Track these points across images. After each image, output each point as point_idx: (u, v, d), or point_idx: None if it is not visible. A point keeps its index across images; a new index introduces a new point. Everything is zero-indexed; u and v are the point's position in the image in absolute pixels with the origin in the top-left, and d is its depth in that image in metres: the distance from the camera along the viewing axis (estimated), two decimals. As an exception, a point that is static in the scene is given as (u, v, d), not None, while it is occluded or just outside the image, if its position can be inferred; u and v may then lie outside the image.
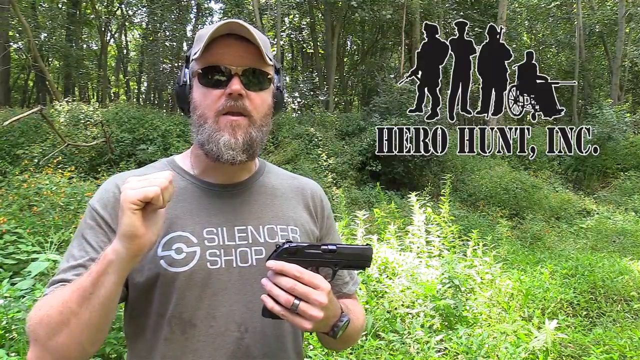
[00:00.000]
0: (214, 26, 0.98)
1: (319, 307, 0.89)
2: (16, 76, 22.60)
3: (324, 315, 0.91)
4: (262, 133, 1.04)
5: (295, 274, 0.89)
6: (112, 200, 1.02)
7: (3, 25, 15.39)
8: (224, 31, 0.99)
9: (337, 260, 0.96)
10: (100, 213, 1.01)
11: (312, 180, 1.27)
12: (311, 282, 0.89)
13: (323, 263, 0.96)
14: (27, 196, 5.77)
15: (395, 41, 22.31)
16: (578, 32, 20.51)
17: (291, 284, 0.88)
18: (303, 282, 0.89)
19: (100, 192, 1.06)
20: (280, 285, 0.89)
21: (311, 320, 0.89)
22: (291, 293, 0.88)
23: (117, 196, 1.01)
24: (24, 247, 4.10)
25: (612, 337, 4.17)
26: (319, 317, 0.89)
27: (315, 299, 0.88)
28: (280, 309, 0.88)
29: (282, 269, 0.89)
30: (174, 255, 0.99)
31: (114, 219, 0.98)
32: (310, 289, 0.89)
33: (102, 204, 1.03)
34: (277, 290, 0.89)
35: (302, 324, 0.89)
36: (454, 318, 4.14)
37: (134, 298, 1.04)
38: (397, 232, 5.60)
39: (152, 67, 20.39)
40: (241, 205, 1.09)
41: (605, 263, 6.28)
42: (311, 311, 0.88)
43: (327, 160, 12.58)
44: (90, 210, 1.04)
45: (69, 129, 11.23)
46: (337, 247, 0.96)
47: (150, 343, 1.02)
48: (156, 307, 1.00)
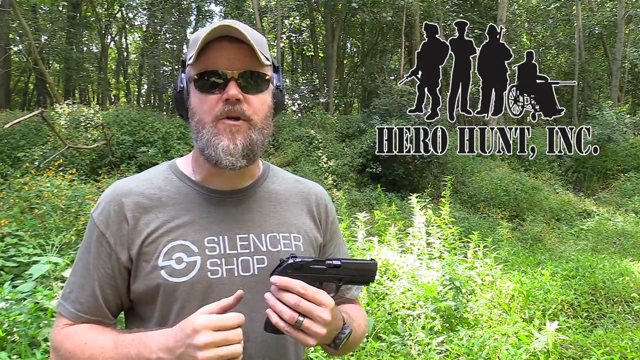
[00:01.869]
0: (207, 29, 0.96)
1: (323, 324, 0.89)
2: (17, 79, 22.62)
3: (327, 330, 0.91)
4: (262, 135, 1.02)
5: (300, 290, 0.88)
6: (114, 216, 1.02)
7: (4, 28, 15.44)
8: (217, 34, 0.96)
9: (341, 275, 0.96)
10: (102, 231, 1.02)
11: (318, 184, 1.25)
12: (315, 298, 0.89)
13: (327, 278, 0.96)
14: (28, 199, 5.77)
15: (395, 43, 22.32)
16: (578, 34, 20.52)
17: (295, 301, 0.88)
18: (307, 299, 0.88)
19: (102, 204, 1.05)
20: (284, 301, 0.89)
21: (314, 337, 0.89)
22: (295, 309, 0.88)
23: (117, 211, 1.02)
24: (25, 249, 4.10)
25: (613, 339, 4.16)
26: (322, 334, 0.89)
27: (319, 315, 0.88)
28: (284, 325, 0.88)
29: (286, 285, 0.89)
30: (174, 265, 0.98)
31: (117, 238, 1.01)
32: (315, 306, 0.89)
33: (104, 221, 1.02)
34: (280, 306, 0.89)
35: (306, 340, 0.90)
36: (455, 320, 4.14)
37: (135, 307, 1.04)
38: (398, 234, 5.61)
39: (153, 70, 20.40)
40: (243, 212, 1.07)
41: (606, 264, 6.28)
42: (315, 328, 0.88)
43: (327, 162, 12.58)
44: (93, 226, 1.04)
45: (69, 132, 11.22)
46: (342, 263, 0.96)
47: None
48: (158, 317, 1.01)
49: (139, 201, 1.03)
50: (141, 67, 23.75)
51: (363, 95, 25.02)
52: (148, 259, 0.99)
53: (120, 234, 1.01)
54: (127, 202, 1.02)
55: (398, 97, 13.67)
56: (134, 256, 1.00)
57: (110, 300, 1.03)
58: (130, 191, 1.04)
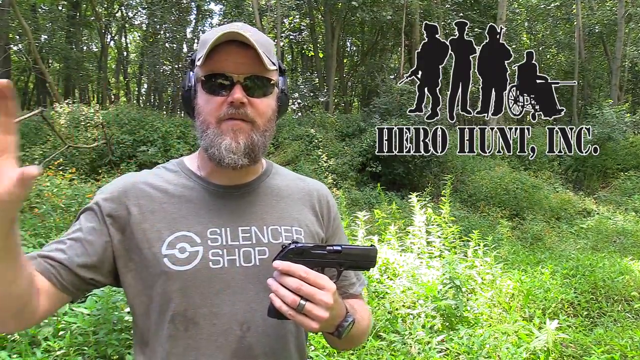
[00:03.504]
0: (216, 33, 0.99)
1: (325, 307, 0.90)
2: (16, 78, 22.59)
3: (330, 315, 0.92)
4: (264, 137, 1.05)
5: (302, 274, 0.90)
6: (117, 199, 1.05)
7: (3, 27, 15.41)
8: (226, 38, 0.99)
9: (342, 260, 0.98)
10: (101, 209, 1.03)
11: (320, 182, 1.27)
12: (317, 282, 0.90)
13: (328, 264, 0.97)
14: (28, 198, 5.76)
15: (395, 42, 22.33)
16: (578, 33, 20.51)
17: (297, 284, 0.89)
18: (309, 283, 0.90)
19: (110, 188, 1.08)
20: (286, 285, 0.90)
21: (317, 321, 0.90)
22: (297, 293, 0.89)
23: (122, 196, 1.05)
24: (25, 249, 4.10)
25: (613, 337, 4.17)
26: (324, 317, 0.90)
27: (321, 299, 0.90)
28: (287, 309, 0.89)
29: (288, 269, 0.90)
30: (178, 254, 1.01)
31: (116, 219, 1.03)
32: (316, 289, 0.90)
33: (107, 202, 1.05)
34: (283, 290, 0.90)
35: (309, 324, 0.91)
36: (455, 318, 4.14)
37: (137, 295, 1.05)
38: (398, 232, 5.61)
39: (152, 69, 20.41)
40: (246, 206, 1.10)
41: (606, 263, 6.29)
42: (317, 311, 0.89)
43: (327, 162, 12.59)
44: (92, 204, 1.06)
45: (69, 131, 11.22)
46: (342, 248, 0.98)
47: (153, 340, 1.04)
48: (160, 305, 1.02)
49: (146, 190, 1.06)
50: (141, 66, 23.74)
51: (363, 94, 25.04)
52: (149, 247, 1.01)
53: (119, 214, 1.03)
54: (133, 187, 1.06)
55: (398, 96, 13.66)
56: (129, 240, 1.02)
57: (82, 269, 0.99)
58: (138, 180, 1.08)
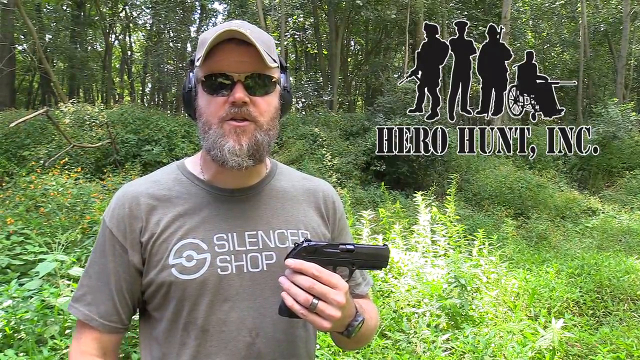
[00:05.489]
0: (215, 32, 0.97)
1: (337, 306, 0.89)
2: (21, 78, 22.69)
3: (341, 314, 0.91)
4: (268, 136, 1.03)
5: (314, 272, 0.89)
6: (125, 219, 1.03)
7: (8, 27, 15.49)
8: (225, 37, 0.97)
9: (354, 260, 0.97)
10: (115, 235, 1.03)
11: (325, 182, 1.25)
12: (329, 281, 0.89)
13: (341, 262, 0.96)
14: (34, 197, 5.79)
15: (399, 41, 22.29)
16: (583, 31, 20.42)
17: (310, 283, 0.88)
18: (321, 282, 0.89)
19: (113, 208, 1.06)
20: (298, 283, 0.89)
21: (329, 320, 0.89)
22: (309, 292, 0.88)
23: (128, 214, 1.03)
24: (31, 248, 4.12)
25: (618, 336, 4.15)
26: (337, 317, 0.90)
27: (334, 298, 0.89)
28: (299, 308, 0.88)
29: (300, 267, 0.89)
30: (185, 262, 1.00)
31: (129, 241, 1.02)
32: (329, 289, 0.89)
33: (116, 224, 1.04)
34: (295, 289, 0.89)
35: (321, 323, 0.90)
36: (460, 317, 4.13)
37: (148, 305, 1.06)
38: (403, 231, 5.60)
39: (157, 68, 20.48)
40: (251, 210, 1.08)
41: (611, 262, 6.25)
42: (329, 310, 0.89)
43: (331, 161, 12.58)
44: (105, 230, 1.05)
45: (74, 130, 11.27)
46: (355, 247, 0.96)
47: (164, 347, 1.03)
48: (170, 314, 1.02)
49: (149, 202, 1.04)
50: (145, 65, 23.82)
51: (367, 93, 25.04)
52: (159, 259, 1.01)
53: (133, 237, 1.02)
54: (137, 204, 1.04)
55: (402, 95, 13.64)
56: (145, 257, 1.02)
57: (126, 305, 1.05)
58: (140, 193, 1.05)
